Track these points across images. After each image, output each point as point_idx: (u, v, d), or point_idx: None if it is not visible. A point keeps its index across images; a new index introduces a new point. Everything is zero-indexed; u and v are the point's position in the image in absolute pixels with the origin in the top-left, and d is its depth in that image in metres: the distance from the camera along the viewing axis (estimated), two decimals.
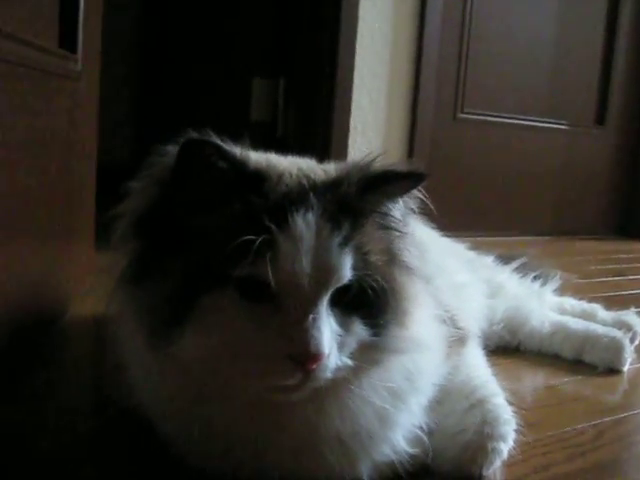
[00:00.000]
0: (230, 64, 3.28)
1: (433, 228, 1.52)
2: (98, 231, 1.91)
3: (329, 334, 0.80)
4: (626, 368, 1.58)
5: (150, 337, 0.84)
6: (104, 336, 0.99)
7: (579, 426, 1.23)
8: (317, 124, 2.82)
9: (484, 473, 1.00)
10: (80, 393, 1.25)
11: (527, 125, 3.75)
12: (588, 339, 1.60)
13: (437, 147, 3.32)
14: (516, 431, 1.04)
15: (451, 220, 1.56)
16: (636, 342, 1.70)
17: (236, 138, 0.92)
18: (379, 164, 0.89)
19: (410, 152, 3.07)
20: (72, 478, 0.95)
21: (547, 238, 3.75)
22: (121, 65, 3.79)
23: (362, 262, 0.83)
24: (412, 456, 0.97)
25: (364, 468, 0.94)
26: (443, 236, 1.64)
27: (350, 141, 2.84)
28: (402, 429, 0.95)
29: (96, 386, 1.28)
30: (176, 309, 0.80)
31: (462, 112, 3.48)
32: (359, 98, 2.94)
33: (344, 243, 0.81)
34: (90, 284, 1.76)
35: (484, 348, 1.32)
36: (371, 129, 2.97)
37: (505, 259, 1.87)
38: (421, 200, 0.92)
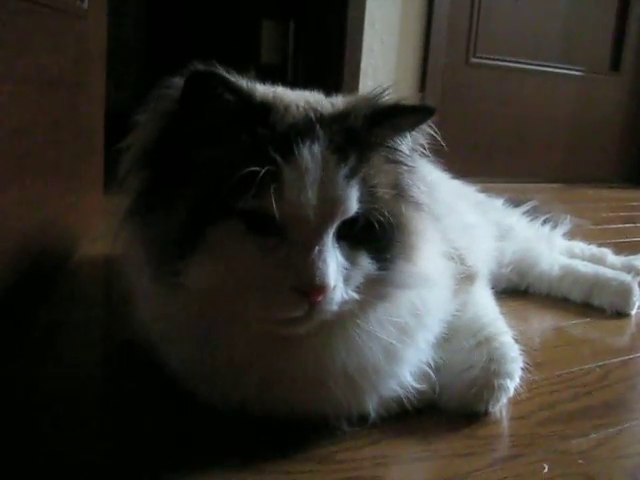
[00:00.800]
0: (239, 6, 3.24)
1: (443, 171, 1.51)
2: (107, 174, 1.91)
3: (335, 266, 0.80)
4: (634, 312, 1.58)
5: (157, 268, 0.85)
6: (112, 275, 0.99)
7: (586, 366, 1.24)
8: (327, 67, 2.79)
9: (490, 410, 1.01)
10: (88, 330, 1.26)
11: (541, 71, 3.70)
12: (597, 283, 1.60)
13: (449, 92, 3.28)
14: (523, 369, 1.05)
15: (462, 164, 1.55)
16: None
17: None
18: (388, 97, 0.88)
19: (422, 96, 3.03)
20: (79, 417, 0.96)
21: (559, 185, 3.73)
22: (129, 6, 3.73)
23: (369, 195, 0.82)
24: (419, 392, 0.98)
25: (371, 403, 0.94)
26: (453, 179, 1.62)
27: (361, 85, 2.81)
28: (409, 365, 0.96)
29: (105, 324, 1.29)
30: (182, 240, 0.81)
31: (475, 56, 3.43)
32: (370, 42, 2.90)
33: (350, 175, 0.80)
34: (99, 226, 1.77)
35: (493, 291, 1.32)
36: (382, 73, 2.93)
37: (515, 202, 1.86)
38: (432, 140, 0.91)
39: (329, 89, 0.97)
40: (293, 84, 0.98)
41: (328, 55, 2.81)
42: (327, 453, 0.89)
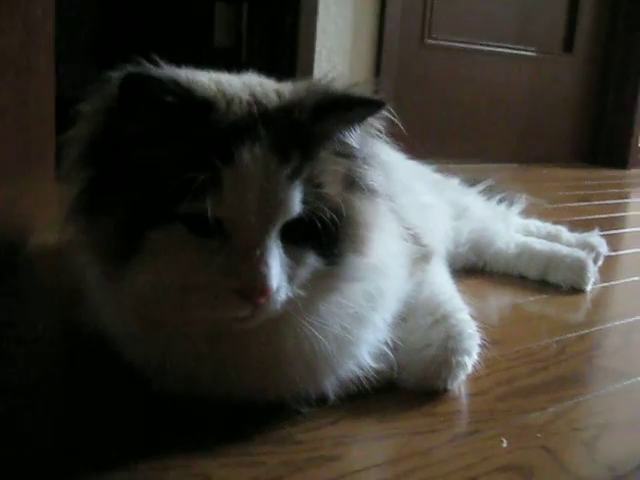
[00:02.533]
0: None
1: (399, 152, 1.51)
2: (60, 160, 1.88)
3: (278, 268, 0.79)
4: (589, 288, 1.60)
5: (102, 270, 0.84)
6: (64, 264, 0.98)
7: (542, 342, 1.25)
8: (282, 49, 2.77)
9: (449, 387, 1.02)
10: (43, 320, 1.24)
11: (495, 52, 3.72)
12: (553, 260, 1.62)
13: (404, 73, 3.29)
14: (481, 346, 1.05)
15: (418, 146, 1.55)
16: (599, 262, 1.73)
17: (200, 65, 0.90)
18: (337, 87, 0.85)
19: (377, 78, 3.01)
20: (37, 404, 0.94)
21: (514, 165, 3.76)
22: None
23: (314, 194, 0.80)
24: (377, 371, 0.98)
25: (328, 384, 0.94)
26: (409, 159, 1.62)
27: (315, 66, 2.79)
28: (367, 345, 0.96)
29: (59, 313, 1.27)
30: (124, 244, 0.79)
31: (430, 38, 3.44)
32: (324, 24, 2.88)
33: (293, 176, 0.79)
34: (51, 214, 1.74)
35: (450, 269, 1.32)
36: (337, 54, 2.92)
37: (471, 182, 1.87)
38: (389, 122, 0.90)
39: (283, 71, 0.95)
40: (247, 66, 0.96)
41: (282, 37, 2.79)
42: (286, 434, 0.89)
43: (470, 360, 1.02)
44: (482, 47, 3.66)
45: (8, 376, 1.00)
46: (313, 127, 0.82)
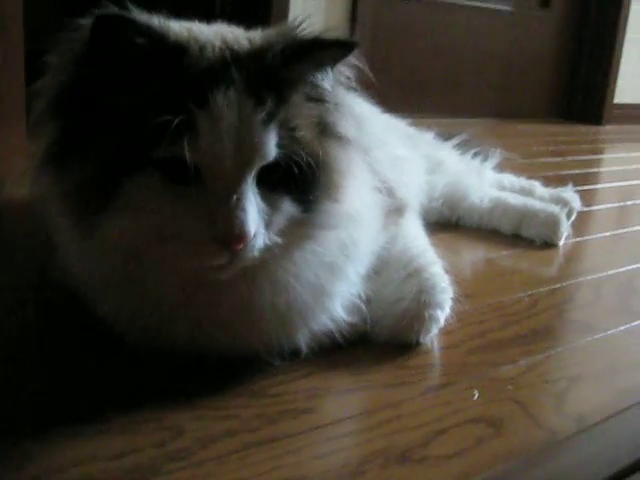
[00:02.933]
0: None
1: (374, 105, 1.50)
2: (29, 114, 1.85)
3: (255, 214, 0.78)
4: (562, 242, 1.62)
5: (74, 221, 0.83)
6: (36, 219, 0.96)
7: (515, 296, 1.26)
8: None
9: (421, 340, 1.03)
10: (17, 273, 1.23)
11: (472, 6, 3.69)
12: (526, 214, 1.63)
13: (380, 25, 3.24)
14: (453, 300, 1.06)
15: (393, 99, 1.54)
16: (572, 217, 1.74)
17: (172, 13, 0.88)
18: (307, 31, 0.84)
19: (352, 28, 2.98)
20: (7, 357, 0.94)
21: (490, 120, 3.76)
22: None
23: (288, 138, 0.80)
24: (350, 325, 0.98)
25: (302, 337, 0.95)
26: (383, 112, 1.62)
27: (290, 15, 2.73)
28: (340, 298, 0.96)
29: (31, 266, 1.26)
30: (98, 193, 0.78)
31: None
32: None
33: (268, 119, 0.78)
34: (22, 167, 1.71)
35: (424, 224, 1.32)
36: (311, 4, 2.86)
37: (445, 136, 1.87)
38: (360, 72, 0.89)
39: (258, 20, 0.94)
40: (221, 13, 0.95)
41: None
42: (260, 387, 0.89)
43: (443, 314, 1.03)
44: (458, 1, 3.63)
45: None
46: (285, 70, 0.82)
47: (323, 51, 0.83)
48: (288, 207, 0.83)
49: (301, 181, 0.82)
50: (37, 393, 0.86)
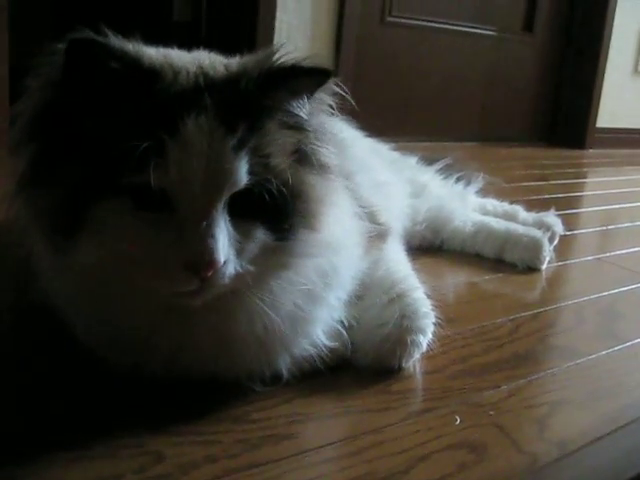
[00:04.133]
0: None
1: (357, 129, 1.51)
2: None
3: (225, 241, 0.78)
4: (544, 267, 1.62)
5: (47, 246, 0.83)
6: (14, 239, 0.96)
7: (498, 320, 1.27)
8: (241, 24, 2.74)
9: (403, 365, 1.02)
10: None
11: (455, 30, 3.72)
12: (509, 238, 1.64)
13: (365, 51, 3.27)
14: (435, 324, 1.06)
15: (377, 123, 1.55)
16: (555, 242, 1.75)
17: (158, 39, 0.88)
18: (284, 58, 0.84)
19: (337, 55, 3.01)
20: None
21: (473, 144, 3.78)
22: None
23: (261, 166, 0.80)
24: (332, 350, 0.98)
25: (283, 363, 0.94)
26: (367, 137, 1.62)
27: (275, 42, 2.77)
28: (321, 323, 0.96)
29: (10, 287, 1.25)
30: (68, 218, 0.78)
31: (390, 15, 3.42)
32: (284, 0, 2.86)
33: (239, 146, 0.78)
34: (3, 187, 1.71)
35: (407, 248, 1.33)
36: (297, 31, 2.90)
37: (429, 160, 1.87)
38: (343, 98, 0.90)
39: (243, 47, 0.94)
40: (206, 43, 0.95)
41: (242, 12, 2.76)
42: (241, 413, 0.89)
43: (425, 339, 1.03)
44: (442, 25, 3.66)
45: None
46: (260, 97, 0.81)
47: (299, 79, 0.83)
48: (261, 235, 0.82)
49: (274, 209, 0.82)
50: (16, 419, 0.85)
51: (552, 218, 1.81)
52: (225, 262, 0.78)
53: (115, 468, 0.76)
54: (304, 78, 0.84)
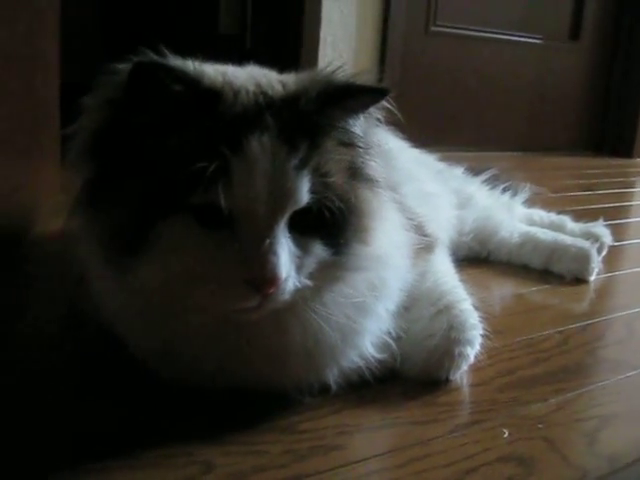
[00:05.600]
0: None
1: (403, 140, 1.51)
2: (65, 149, 1.88)
3: (286, 258, 0.79)
4: (593, 278, 1.60)
5: (108, 262, 0.84)
6: (69, 255, 0.98)
7: (545, 332, 1.25)
8: (286, 37, 2.76)
9: (451, 377, 1.02)
10: (50, 308, 1.25)
11: (501, 39, 3.70)
12: (556, 249, 1.62)
13: (409, 60, 3.27)
14: (483, 336, 1.06)
15: (422, 134, 1.55)
16: (603, 253, 1.73)
17: (204, 52, 0.90)
18: (341, 76, 0.85)
19: (381, 66, 3.01)
20: (45, 390, 0.95)
21: (519, 154, 3.75)
22: None
23: (320, 184, 0.81)
24: (380, 361, 0.98)
25: (331, 374, 0.95)
26: (413, 148, 1.62)
27: (320, 54, 2.78)
28: (370, 335, 0.96)
29: (63, 302, 1.27)
30: (131, 237, 0.79)
31: (435, 25, 3.42)
32: (329, 11, 2.86)
33: (301, 166, 0.79)
34: (55, 201, 1.74)
35: (453, 259, 1.32)
36: (342, 41, 2.91)
37: (475, 171, 1.86)
38: (390, 111, 0.90)
39: (288, 59, 0.95)
40: (251, 55, 0.96)
41: (287, 25, 2.78)
42: (290, 423, 0.89)
43: (472, 350, 1.03)
44: (488, 34, 3.64)
45: (10, 364, 1.01)
46: (319, 116, 0.82)
47: (356, 98, 0.84)
48: (319, 250, 0.83)
49: (332, 225, 0.83)
50: (68, 426, 0.87)
51: (600, 228, 1.78)
52: (286, 278, 0.79)
53: (165, 477, 0.77)
54: (362, 97, 0.85)
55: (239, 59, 0.95)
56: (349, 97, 0.84)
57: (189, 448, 0.82)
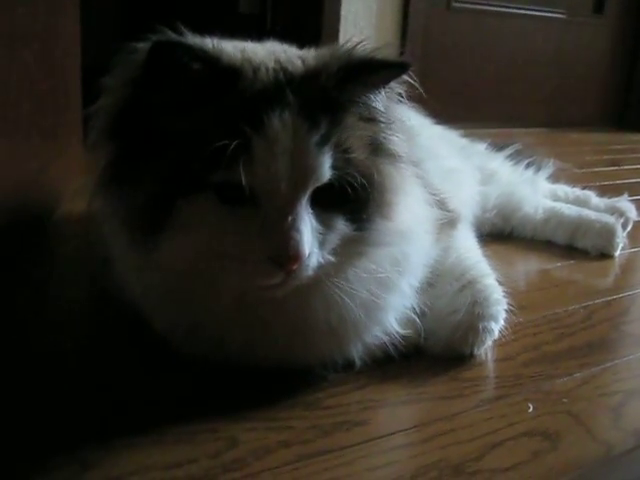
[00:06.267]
0: None
1: (425, 117, 1.50)
2: (86, 130, 1.88)
3: (309, 234, 0.79)
4: (618, 253, 1.59)
5: (132, 241, 0.84)
6: (93, 234, 0.99)
7: (570, 308, 1.25)
8: (307, 15, 2.75)
9: (475, 352, 1.02)
10: (75, 288, 1.26)
11: (523, 14, 3.65)
12: (581, 225, 1.61)
13: (430, 37, 3.24)
14: (507, 312, 1.05)
15: (444, 111, 1.54)
16: (628, 228, 1.71)
17: (224, 32, 0.89)
18: (361, 51, 0.84)
19: (403, 42, 2.99)
20: (72, 369, 0.96)
21: (542, 129, 3.71)
22: None
23: (342, 160, 0.80)
24: (404, 337, 0.98)
25: (355, 350, 0.95)
26: (435, 124, 1.61)
27: (341, 31, 2.76)
28: (394, 311, 0.96)
29: (88, 281, 1.28)
30: (154, 215, 0.79)
31: (456, 1, 3.39)
32: None
33: (322, 142, 0.78)
34: (79, 182, 1.75)
35: (477, 235, 1.32)
36: (362, 19, 2.89)
37: (498, 147, 1.85)
38: (411, 86, 0.89)
39: (309, 37, 0.94)
40: (272, 33, 0.95)
41: (308, 2, 2.77)
42: (314, 399, 0.90)
43: (497, 326, 1.03)
44: (510, 10, 3.59)
45: (34, 344, 1.02)
46: (339, 92, 0.82)
47: (377, 73, 0.84)
48: (341, 226, 0.83)
49: (354, 201, 0.83)
50: (94, 404, 0.88)
51: (625, 204, 1.77)
52: (309, 254, 0.79)
53: (191, 453, 0.78)
54: (383, 71, 0.84)
55: (259, 39, 0.94)
56: (370, 72, 0.83)
57: (214, 424, 0.83)
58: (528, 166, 1.80)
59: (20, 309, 1.11)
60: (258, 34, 0.94)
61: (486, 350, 1.04)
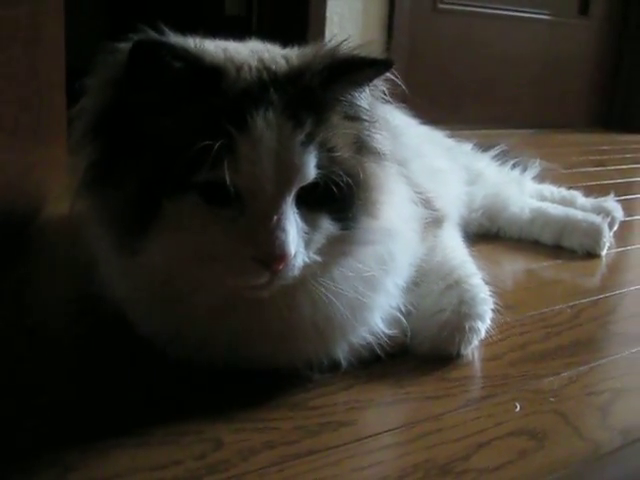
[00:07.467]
0: None
1: (411, 117, 1.50)
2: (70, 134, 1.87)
3: (295, 234, 0.79)
4: (604, 253, 1.60)
5: (115, 243, 0.83)
6: (77, 234, 0.98)
7: (557, 307, 1.25)
8: (292, 17, 2.75)
9: (462, 352, 1.02)
10: (57, 288, 1.25)
11: (508, 15, 3.67)
12: (567, 224, 1.61)
13: (416, 38, 3.25)
14: (494, 311, 1.05)
15: (430, 111, 1.54)
16: (615, 227, 1.72)
17: (210, 33, 0.89)
18: (344, 50, 0.84)
19: (389, 44, 2.99)
20: (55, 371, 0.95)
21: (528, 131, 3.72)
22: None
23: (327, 159, 0.80)
24: (390, 337, 0.98)
25: (341, 351, 0.95)
26: (421, 124, 1.61)
27: (327, 33, 2.76)
28: (379, 311, 0.96)
29: (72, 283, 1.28)
30: (138, 216, 0.78)
31: (442, 2, 3.39)
32: None
33: (307, 141, 0.78)
34: (64, 184, 1.74)
35: (463, 235, 1.32)
36: (348, 20, 2.89)
37: (484, 147, 1.85)
38: (396, 85, 0.89)
39: (294, 39, 0.94)
40: (258, 34, 0.95)
41: (293, 4, 2.77)
42: (300, 400, 0.89)
43: (483, 325, 1.02)
44: (495, 11, 3.61)
45: (19, 347, 1.01)
46: (324, 91, 0.81)
47: (361, 71, 0.83)
48: (327, 225, 0.83)
49: (340, 200, 0.82)
50: (79, 405, 0.87)
51: (612, 203, 1.78)
52: (295, 254, 0.79)
53: (176, 454, 0.77)
54: (367, 69, 0.84)
55: (242, 39, 0.93)
56: (354, 70, 0.83)
57: (199, 426, 0.82)
58: (514, 166, 1.81)
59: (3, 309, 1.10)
60: (244, 35, 0.94)
61: (473, 350, 1.03)
